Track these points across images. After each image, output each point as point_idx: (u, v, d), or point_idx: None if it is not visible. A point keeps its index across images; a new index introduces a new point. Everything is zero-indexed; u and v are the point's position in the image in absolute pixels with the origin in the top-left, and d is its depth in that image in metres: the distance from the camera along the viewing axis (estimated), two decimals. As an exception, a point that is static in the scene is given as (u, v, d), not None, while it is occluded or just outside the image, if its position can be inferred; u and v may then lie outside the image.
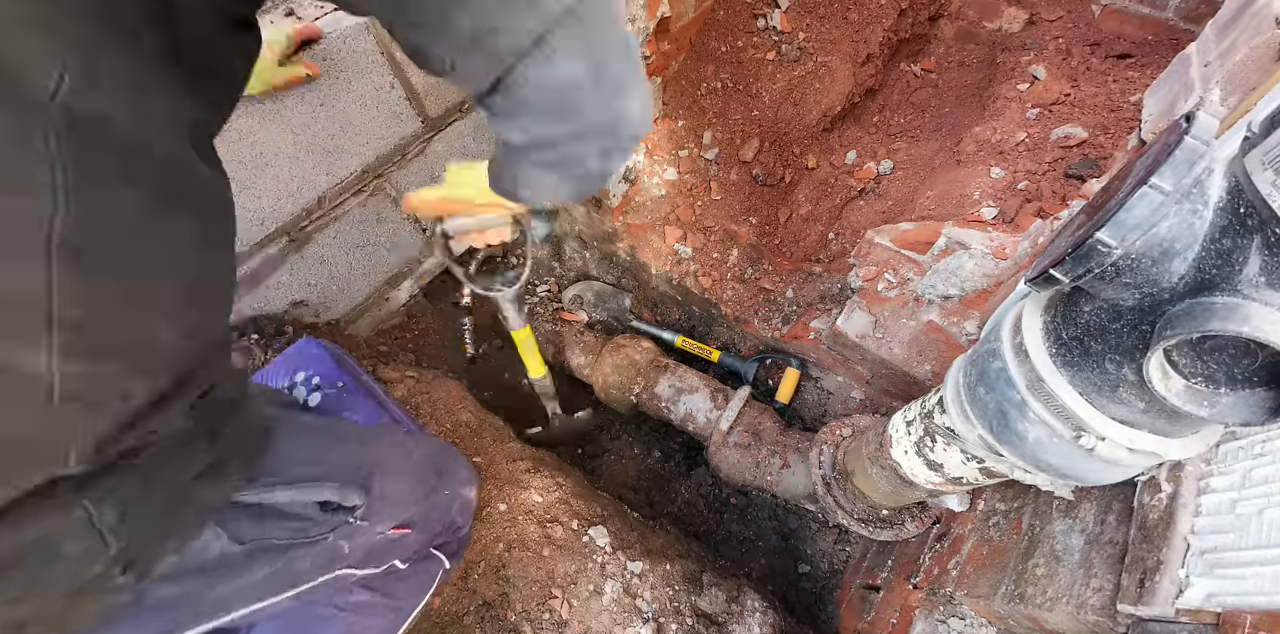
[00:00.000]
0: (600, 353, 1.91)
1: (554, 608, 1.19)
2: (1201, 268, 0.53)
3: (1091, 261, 0.57)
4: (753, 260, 1.80)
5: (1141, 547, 0.79)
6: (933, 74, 2.16)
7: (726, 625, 1.31)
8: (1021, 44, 1.97)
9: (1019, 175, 1.54)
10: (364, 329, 1.76)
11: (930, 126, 2.04)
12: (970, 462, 0.96)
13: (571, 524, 1.31)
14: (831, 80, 1.83)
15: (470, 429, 1.44)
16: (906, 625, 1.21)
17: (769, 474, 1.62)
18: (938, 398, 1.00)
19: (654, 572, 1.31)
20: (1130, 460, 0.70)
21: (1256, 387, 0.55)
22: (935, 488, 1.12)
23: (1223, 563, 0.68)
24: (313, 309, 1.57)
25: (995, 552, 1.10)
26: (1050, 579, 0.92)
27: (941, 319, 1.36)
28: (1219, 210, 0.53)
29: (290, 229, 1.39)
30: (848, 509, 1.40)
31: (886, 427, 1.19)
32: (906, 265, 1.47)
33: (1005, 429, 0.78)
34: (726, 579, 1.43)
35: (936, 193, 1.66)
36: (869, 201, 1.96)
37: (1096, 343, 0.65)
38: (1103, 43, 1.87)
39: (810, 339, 1.64)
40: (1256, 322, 0.47)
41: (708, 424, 1.72)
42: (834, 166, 2.02)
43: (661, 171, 1.74)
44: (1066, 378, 0.70)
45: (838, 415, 1.74)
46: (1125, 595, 0.78)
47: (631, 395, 1.84)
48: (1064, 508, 0.99)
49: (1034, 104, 1.72)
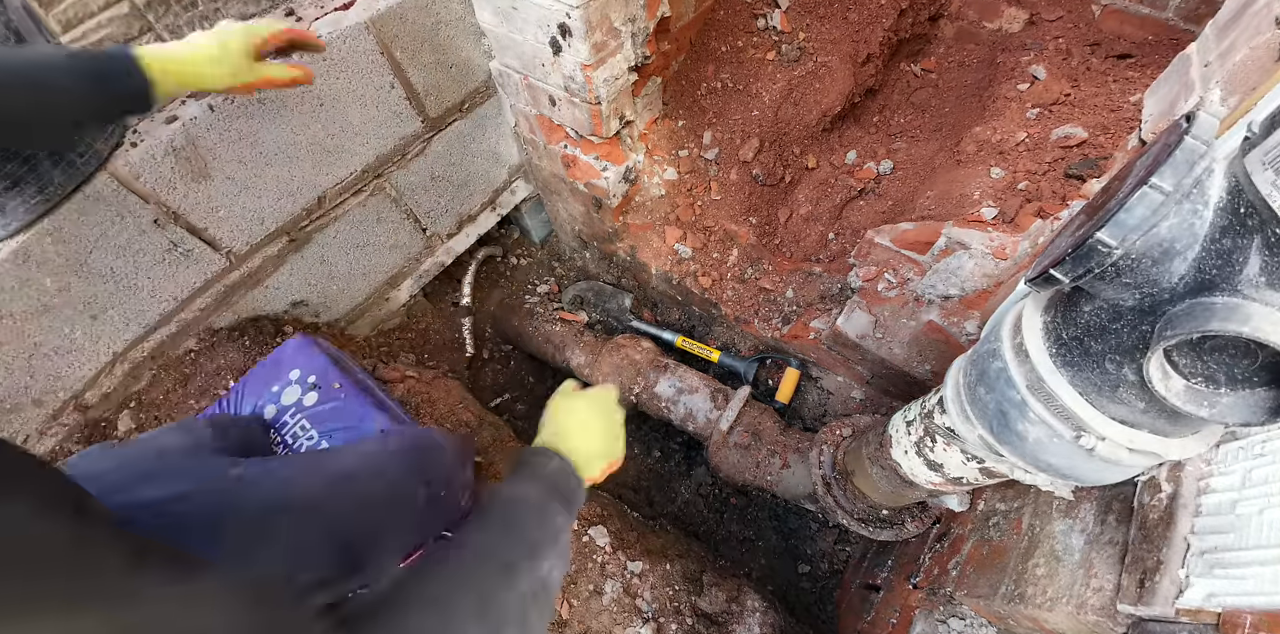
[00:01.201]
0: (600, 353, 1.91)
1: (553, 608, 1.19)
2: (1202, 268, 0.53)
3: (1091, 262, 0.57)
4: (753, 260, 1.80)
5: (1141, 547, 0.79)
6: (933, 74, 2.16)
7: (726, 625, 1.31)
8: (1021, 44, 1.97)
9: (1019, 175, 1.54)
10: (364, 329, 1.76)
11: (930, 126, 2.04)
12: (970, 462, 0.96)
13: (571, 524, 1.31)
14: (831, 80, 1.83)
15: (470, 429, 1.44)
16: (906, 625, 1.21)
17: (769, 474, 1.62)
18: (938, 398, 1.00)
19: (654, 572, 1.31)
20: (1130, 460, 0.70)
21: (1256, 387, 0.55)
22: (935, 488, 1.12)
23: (1223, 563, 0.68)
24: (313, 309, 1.57)
25: (995, 552, 1.10)
26: (1050, 579, 0.92)
27: (941, 319, 1.36)
28: (1219, 210, 0.52)
29: (290, 229, 1.39)
30: (848, 509, 1.40)
31: (886, 427, 1.19)
32: (906, 265, 1.47)
33: (1005, 429, 0.78)
34: (726, 579, 1.43)
35: (936, 193, 1.66)
36: (869, 201, 1.96)
37: (1096, 343, 0.65)
38: (1103, 43, 1.87)
39: (810, 339, 1.64)
40: (1257, 322, 0.47)
41: (708, 424, 1.72)
42: (834, 166, 2.02)
43: (661, 171, 1.74)
44: (1066, 378, 0.70)
45: (838, 415, 1.74)
46: (1125, 595, 0.78)
47: (631, 395, 1.84)
48: (1064, 508, 0.99)
49: (1034, 104, 1.72)
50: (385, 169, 1.50)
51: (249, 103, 1.16)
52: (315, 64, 1.21)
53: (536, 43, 1.32)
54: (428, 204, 1.68)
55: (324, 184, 1.39)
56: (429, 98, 1.47)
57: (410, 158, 1.54)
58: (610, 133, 1.51)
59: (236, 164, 1.20)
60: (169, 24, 1.14)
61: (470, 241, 1.90)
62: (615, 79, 1.39)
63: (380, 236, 1.61)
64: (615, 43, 1.32)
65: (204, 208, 1.20)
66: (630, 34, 1.34)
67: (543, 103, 1.52)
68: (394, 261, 1.70)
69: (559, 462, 0.73)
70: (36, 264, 1.03)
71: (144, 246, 1.15)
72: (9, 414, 1.13)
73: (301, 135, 1.27)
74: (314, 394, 1.25)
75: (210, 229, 1.23)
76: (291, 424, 1.22)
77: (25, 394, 1.13)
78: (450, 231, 1.81)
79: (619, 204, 1.73)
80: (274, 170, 1.27)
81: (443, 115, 1.54)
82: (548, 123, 1.60)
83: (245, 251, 1.32)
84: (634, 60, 1.40)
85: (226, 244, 1.28)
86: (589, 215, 1.85)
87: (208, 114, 1.12)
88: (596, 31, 1.24)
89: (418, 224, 1.69)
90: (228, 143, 1.17)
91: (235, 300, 1.37)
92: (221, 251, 1.28)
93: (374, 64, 1.30)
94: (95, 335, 1.18)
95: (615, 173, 1.62)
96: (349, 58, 1.25)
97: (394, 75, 1.35)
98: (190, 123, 1.10)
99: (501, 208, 1.94)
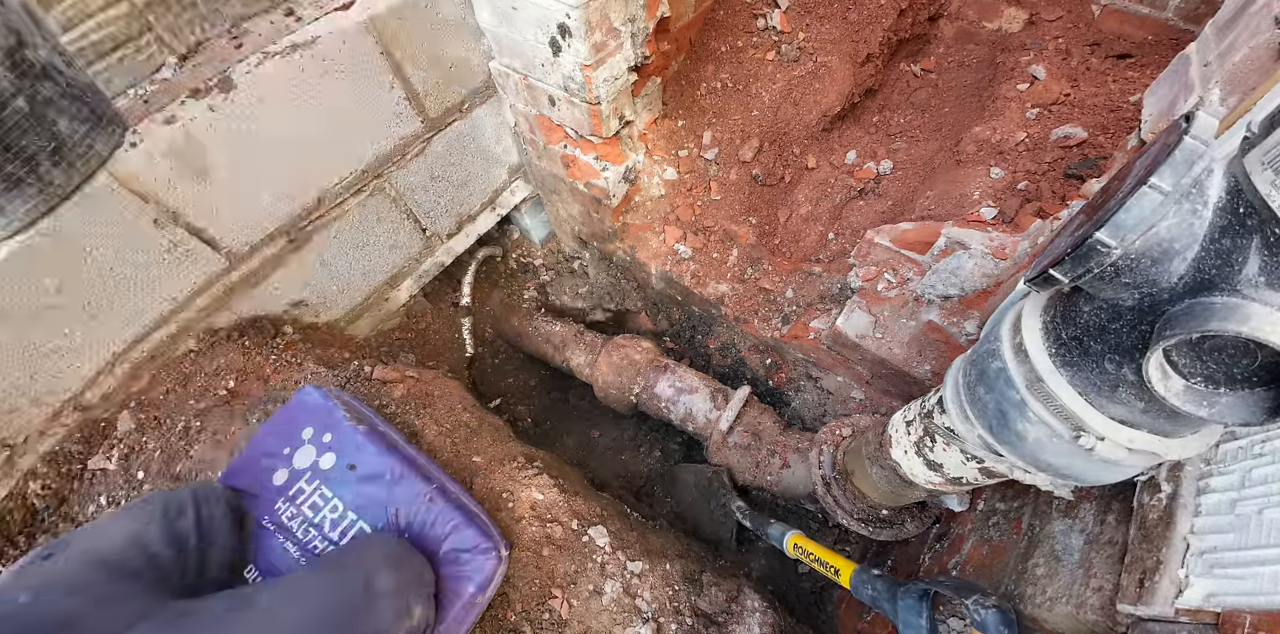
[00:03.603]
0: (600, 353, 1.91)
1: (553, 608, 1.19)
2: (1201, 268, 0.53)
3: (1091, 262, 0.57)
4: (753, 260, 1.80)
5: (1141, 547, 0.79)
6: (933, 74, 2.16)
7: (726, 625, 1.31)
8: (1021, 44, 1.97)
9: (1019, 175, 1.54)
10: (364, 329, 1.76)
11: (930, 126, 2.04)
12: (970, 462, 0.96)
13: (571, 524, 1.31)
14: (831, 80, 1.83)
15: (470, 429, 1.44)
16: (906, 625, 1.21)
17: (769, 474, 1.62)
18: (937, 398, 1.00)
19: (654, 571, 1.31)
20: (1129, 460, 0.70)
21: (1256, 386, 0.55)
22: (935, 488, 1.12)
23: (1222, 563, 0.68)
24: (312, 309, 1.57)
25: (995, 552, 1.10)
26: (1050, 579, 0.92)
27: (941, 319, 1.36)
28: (1218, 210, 0.52)
29: (290, 229, 1.39)
30: (847, 509, 1.40)
31: (886, 427, 1.19)
32: (906, 265, 1.47)
33: (1005, 429, 0.78)
34: (726, 579, 1.43)
35: (936, 193, 1.66)
36: (869, 201, 1.96)
37: (1096, 343, 0.65)
38: (1103, 43, 1.87)
39: (810, 339, 1.64)
40: (1256, 322, 0.47)
41: (708, 424, 1.72)
42: (834, 166, 2.02)
43: (661, 172, 1.74)
44: (1066, 378, 0.70)
45: (838, 415, 1.74)
46: (1125, 595, 0.78)
47: (631, 395, 1.84)
48: (1064, 508, 0.99)
49: (1034, 104, 1.72)
50: (385, 169, 1.50)
51: (249, 103, 1.16)
52: (315, 64, 1.21)
53: (536, 43, 1.32)
54: (427, 204, 1.68)
55: (323, 184, 1.39)
56: (429, 98, 1.47)
57: (410, 158, 1.54)
58: (610, 133, 1.51)
59: (236, 164, 1.20)
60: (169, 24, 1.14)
61: (470, 241, 1.90)
62: (615, 79, 1.39)
63: (380, 237, 1.61)
64: (615, 43, 1.32)
65: (204, 208, 1.20)
66: (630, 34, 1.34)
67: (542, 103, 1.52)
68: (394, 262, 1.70)
69: None
70: (36, 264, 1.03)
71: (144, 247, 1.15)
72: (9, 414, 1.13)
73: (301, 135, 1.27)
74: (331, 455, 1.13)
75: (210, 229, 1.23)
76: (309, 492, 1.11)
77: (25, 394, 1.13)
78: (450, 232, 1.81)
79: (619, 204, 1.73)
80: (273, 170, 1.27)
81: (442, 115, 1.54)
82: (547, 123, 1.60)
83: (245, 252, 1.32)
84: (634, 60, 1.40)
85: (226, 244, 1.28)
86: (589, 215, 1.85)
87: (208, 114, 1.12)
88: (596, 32, 1.24)
89: (417, 224, 1.69)
90: (228, 143, 1.17)
91: (235, 300, 1.37)
92: (221, 252, 1.28)
93: (373, 64, 1.30)
94: (95, 335, 1.17)
95: (615, 173, 1.62)
96: (348, 58, 1.25)
97: (393, 75, 1.35)
98: (190, 123, 1.10)
99: (501, 208, 1.94)
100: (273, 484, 1.12)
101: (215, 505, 1.05)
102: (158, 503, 0.98)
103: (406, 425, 1.36)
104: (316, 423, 1.15)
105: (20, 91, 0.89)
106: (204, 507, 1.03)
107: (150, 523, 0.94)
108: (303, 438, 1.15)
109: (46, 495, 1.21)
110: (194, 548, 0.97)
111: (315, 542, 1.09)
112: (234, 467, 1.16)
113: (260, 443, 1.16)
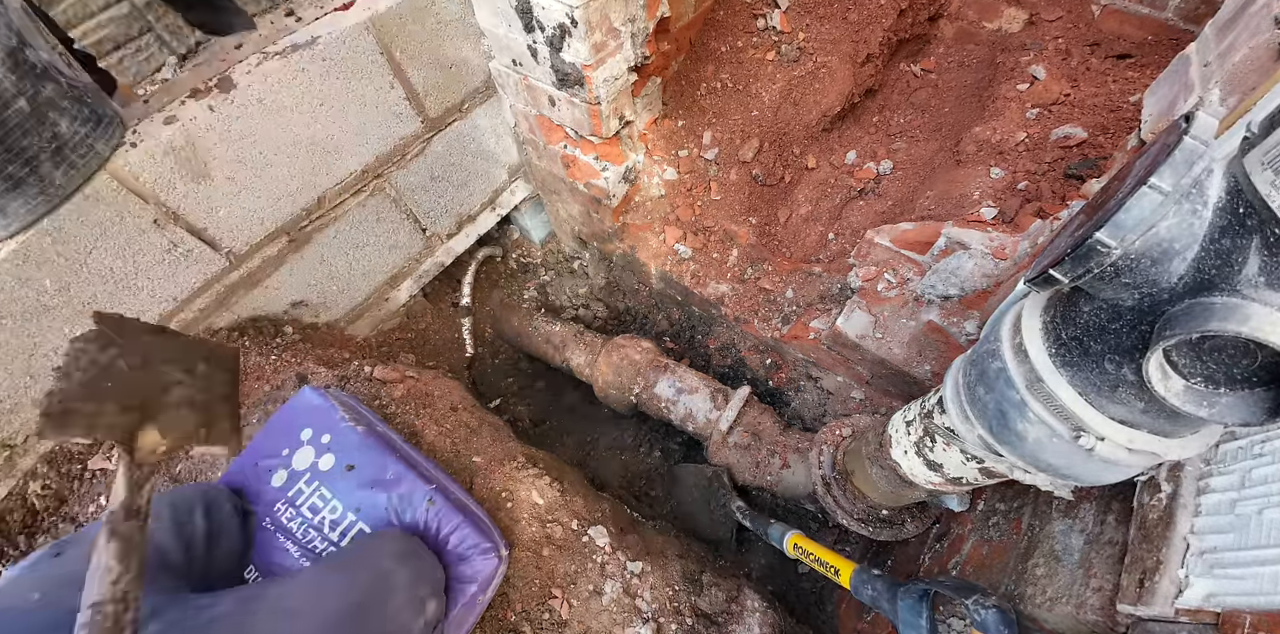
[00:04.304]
0: (600, 353, 1.91)
1: (553, 608, 1.19)
2: (1201, 268, 0.53)
3: (1091, 262, 0.57)
4: (753, 260, 1.80)
5: (1141, 547, 0.79)
6: (933, 74, 2.16)
7: (726, 625, 1.31)
8: (1021, 44, 1.97)
9: (1019, 175, 1.54)
10: (364, 329, 1.76)
11: (930, 126, 2.04)
12: (970, 462, 0.96)
13: (571, 524, 1.31)
14: (831, 80, 1.83)
15: (470, 429, 1.44)
16: (906, 625, 1.21)
17: (769, 474, 1.62)
18: (937, 398, 1.00)
19: (654, 571, 1.31)
20: (1129, 460, 0.70)
21: (1256, 387, 0.55)
22: (935, 488, 1.12)
23: (1222, 563, 0.68)
24: (313, 309, 1.57)
25: (995, 552, 1.10)
26: (1050, 579, 0.92)
27: (941, 319, 1.36)
28: (1218, 210, 0.52)
29: (290, 229, 1.39)
30: (847, 509, 1.40)
31: (886, 427, 1.19)
32: (906, 265, 1.47)
33: (1005, 429, 0.78)
34: (726, 579, 1.43)
35: (936, 193, 1.66)
36: (869, 201, 1.96)
37: (1096, 343, 0.65)
38: (1103, 43, 1.87)
39: (810, 339, 1.64)
40: (1256, 322, 0.47)
41: (708, 424, 1.72)
42: (834, 166, 2.02)
43: (661, 172, 1.74)
44: (1066, 378, 0.70)
45: (838, 415, 1.74)
46: (1125, 595, 0.78)
47: (631, 395, 1.84)
48: (1063, 508, 0.99)
49: (1034, 104, 1.72)
50: (385, 169, 1.50)
51: (249, 103, 1.16)
52: (315, 64, 1.21)
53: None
54: (427, 204, 1.68)
55: (324, 184, 1.39)
56: (429, 98, 1.47)
57: (410, 158, 1.54)
58: (610, 133, 1.51)
59: (236, 164, 1.20)
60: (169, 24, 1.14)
61: (470, 242, 1.91)
62: (615, 79, 1.39)
63: (380, 237, 1.61)
64: (615, 43, 1.32)
65: (204, 208, 1.20)
66: (630, 34, 1.34)
67: (542, 103, 1.52)
68: (394, 262, 1.70)
69: None
70: (36, 264, 1.03)
71: (144, 247, 1.15)
72: (9, 414, 1.13)
73: (301, 135, 1.27)
74: (330, 456, 1.12)
75: (210, 229, 1.23)
76: (308, 493, 1.10)
77: (25, 394, 1.13)
78: (450, 232, 1.82)
79: (618, 204, 1.73)
80: (274, 170, 1.27)
81: (442, 115, 1.54)
82: (547, 123, 1.60)
83: (245, 252, 1.32)
84: (634, 60, 1.40)
85: (226, 244, 1.28)
86: (588, 215, 1.85)
87: (208, 114, 1.12)
88: (596, 32, 1.24)
89: (417, 224, 1.69)
90: (228, 143, 1.17)
91: (235, 301, 1.37)
92: (221, 252, 1.28)
93: (374, 64, 1.30)
94: (95, 335, 1.17)
95: (615, 173, 1.62)
96: (349, 58, 1.25)
97: (394, 75, 1.35)
98: (190, 123, 1.10)
99: (501, 208, 1.94)
100: (272, 485, 1.12)
101: (223, 505, 1.05)
102: (166, 502, 0.98)
103: (406, 425, 1.36)
104: (315, 424, 1.15)
105: (21, 92, 0.89)
106: (213, 506, 1.03)
107: (159, 522, 0.94)
108: (301, 439, 1.14)
109: (46, 495, 1.21)
110: (202, 547, 0.98)
111: (315, 542, 1.09)
112: (233, 468, 1.15)
113: (259, 444, 1.16)
